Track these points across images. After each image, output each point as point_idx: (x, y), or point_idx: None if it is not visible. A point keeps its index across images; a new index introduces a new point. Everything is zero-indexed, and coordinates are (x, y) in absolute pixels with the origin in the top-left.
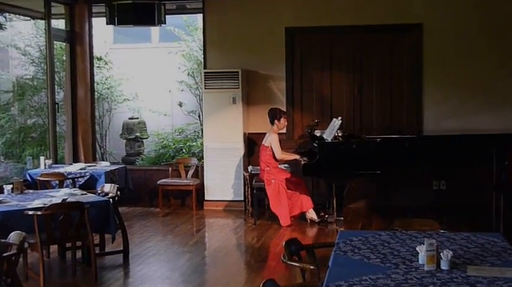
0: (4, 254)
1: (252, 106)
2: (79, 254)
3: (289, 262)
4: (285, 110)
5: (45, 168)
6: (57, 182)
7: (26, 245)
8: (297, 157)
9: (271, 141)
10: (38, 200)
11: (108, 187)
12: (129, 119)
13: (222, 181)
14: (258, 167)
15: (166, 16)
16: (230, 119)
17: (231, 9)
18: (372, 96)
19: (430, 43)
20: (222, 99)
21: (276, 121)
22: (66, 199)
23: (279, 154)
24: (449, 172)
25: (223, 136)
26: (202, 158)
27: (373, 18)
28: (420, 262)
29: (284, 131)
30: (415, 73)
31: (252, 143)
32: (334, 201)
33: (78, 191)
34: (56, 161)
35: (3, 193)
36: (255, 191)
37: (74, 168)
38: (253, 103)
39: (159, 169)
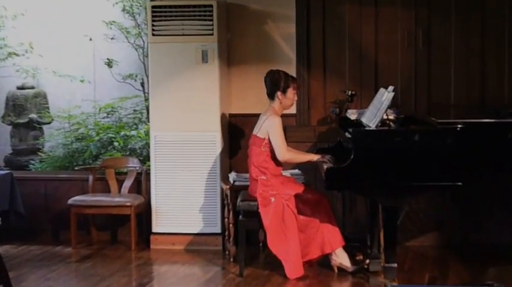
0: None
1: (236, 67)
2: None
3: None
4: (294, 74)
5: None
6: None
7: None
8: (316, 156)
9: (270, 129)
10: None
11: None
12: (18, 88)
13: (183, 200)
14: (247, 176)
15: None
16: (198, 90)
17: None
18: (450, 51)
19: None
20: (183, 54)
21: (278, 94)
22: None
23: (283, 152)
24: None
25: (186, 120)
26: (148, 159)
27: None
28: None
29: (292, 110)
30: None
31: (236, 133)
32: (381, 235)
33: None
34: None
35: None
36: (240, 217)
37: None
38: (239, 62)
39: (70, 178)
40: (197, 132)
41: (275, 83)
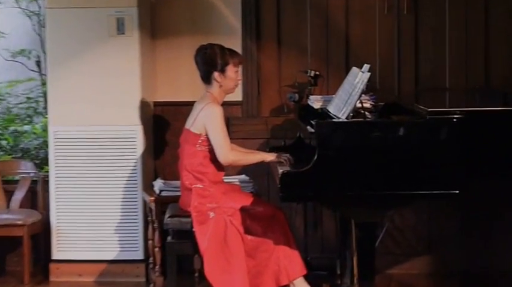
0: None
1: (163, 41)
2: None
3: None
4: (239, 50)
5: None
6: None
7: None
8: (269, 156)
9: (208, 122)
10: None
11: None
12: None
13: (93, 217)
14: (177, 184)
15: None
16: (111, 71)
17: None
18: (443, 19)
19: None
20: (91, 24)
21: (215, 75)
22: None
23: (226, 152)
24: None
25: (96, 111)
26: (47, 163)
27: None
28: None
29: (237, 96)
30: None
31: (164, 127)
32: (355, 260)
33: None
34: None
35: None
36: (169, 239)
37: None
38: (167, 33)
39: None
40: (111, 127)
41: (209, 62)
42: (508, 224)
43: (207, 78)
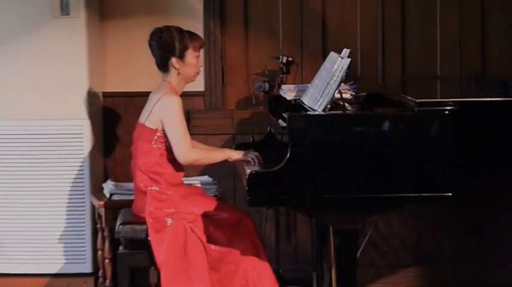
0: None
1: (114, 23)
2: None
3: None
4: (201, 33)
5: None
6: None
7: None
8: (236, 154)
9: (166, 115)
10: None
11: None
12: None
13: (33, 224)
14: (130, 186)
15: None
16: (54, 57)
17: None
18: None
19: None
20: (30, 3)
21: (173, 61)
22: None
23: (186, 150)
24: None
25: (36, 103)
26: None
27: None
28: None
29: (198, 86)
30: None
31: (115, 122)
32: (333, 272)
33: None
34: None
35: None
36: (121, 249)
37: None
38: (118, 14)
39: None
40: (53, 121)
41: (165, 47)
42: (509, 232)
43: (163, 65)
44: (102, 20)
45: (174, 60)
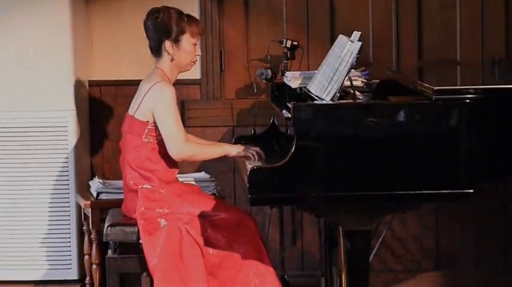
0: None
1: (101, 3)
2: None
3: None
4: (195, 14)
5: None
6: None
7: None
8: (235, 148)
9: (157, 106)
10: None
11: None
12: None
13: (14, 227)
14: (120, 184)
15: None
16: (35, 41)
17: None
18: None
19: None
20: None
21: (167, 44)
22: None
23: (180, 144)
24: None
25: (15, 93)
26: None
27: None
28: None
29: (194, 74)
30: None
31: (102, 113)
32: (344, 277)
33: None
34: None
35: None
36: (110, 254)
37: None
38: None
39: None
40: (34, 113)
41: (161, 28)
42: None
43: (157, 49)
44: (88, 1)
45: (168, 43)
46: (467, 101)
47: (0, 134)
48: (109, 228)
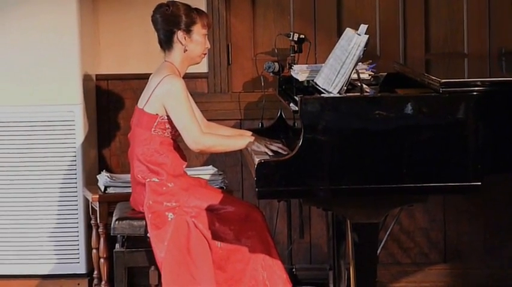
0: None
1: None
2: None
3: None
4: (202, 8)
5: None
6: None
7: None
8: (258, 143)
9: (168, 99)
10: None
11: None
12: None
13: (20, 221)
14: (128, 177)
15: None
16: (41, 35)
17: None
18: None
19: None
20: None
21: (179, 35)
22: None
23: (198, 135)
24: None
25: (21, 87)
26: None
27: None
28: None
29: (202, 68)
30: None
31: (110, 107)
32: (352, 271)
33: None
34: None
35: None
36: (117, 247)
37: None
38: None
39: None
40: (42, 107)
41: (172, 20)
42: None
43: (167, 41)
44: None
45: (180, 34)
46: (475, 93)
47: (8, 128)
48: (117, 222)
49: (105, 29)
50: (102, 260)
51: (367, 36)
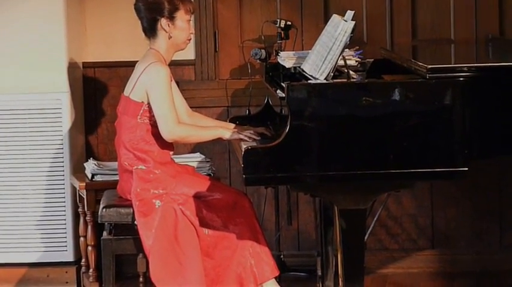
0: None
1: None
2: None
3: None
4: None
5: None
6: None
7: None
8: (229, 134)
9: (152, 87)
10: None
11: None
12: None
13: (7, 209)
14: (115, 165)
15: None
16: (27, 21)
17: None
18: None
19: None
20: None
21: (162, 22)
22: None
23: (172, 125)
24: None
25: (7, 74)
26: None
27: None
28: None
29: (189, 54)
30: None
31: (96, 95)
32: (340, 257)
33: None
34: None
35: None
36: (105, 235)
37: None
38: None
39: None
40: (28, 95)
41: (154, 7)
42: None
43: (151, 29)
44: None
45: (163, 21)
46: (461, 79)
47: None
48: (104, 209)
49: (92, 17)
50: (89, 248)
51: (354, 22)
